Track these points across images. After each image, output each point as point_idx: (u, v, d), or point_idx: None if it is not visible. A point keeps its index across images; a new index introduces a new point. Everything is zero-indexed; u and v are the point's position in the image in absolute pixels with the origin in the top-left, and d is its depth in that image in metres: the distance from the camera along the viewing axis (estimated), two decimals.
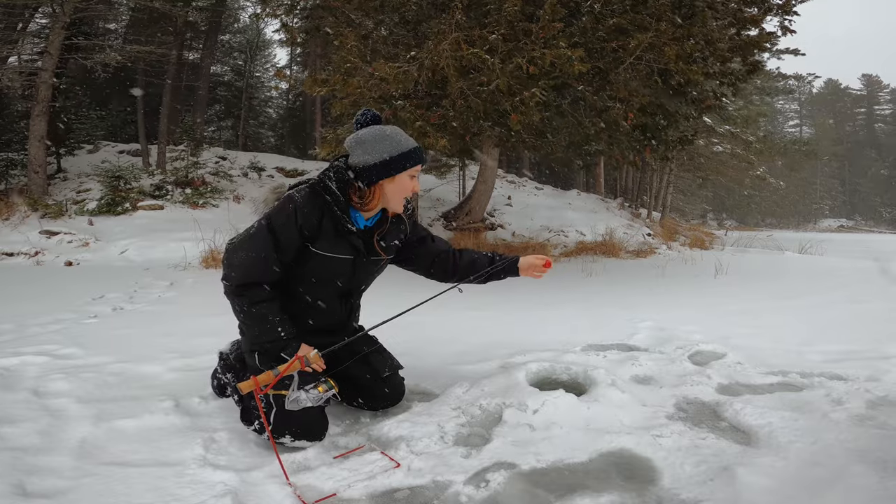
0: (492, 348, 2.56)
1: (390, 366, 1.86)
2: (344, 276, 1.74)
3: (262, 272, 1.62)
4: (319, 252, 1.66)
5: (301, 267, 1.70)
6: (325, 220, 1.64)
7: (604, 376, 2.01)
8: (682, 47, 5.10)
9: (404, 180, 1.69)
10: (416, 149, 1.70)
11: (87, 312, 3.55)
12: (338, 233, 1.66)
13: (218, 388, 1.92)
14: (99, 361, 2.36)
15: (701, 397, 1.98)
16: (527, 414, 1.70)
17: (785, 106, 51.47)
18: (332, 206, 1.64)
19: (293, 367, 1.46)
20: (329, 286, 1.74)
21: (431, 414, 1.70)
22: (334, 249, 1.67)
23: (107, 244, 7.76)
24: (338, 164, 1.71)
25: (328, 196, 1.64)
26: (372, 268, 1.82)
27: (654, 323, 3.25)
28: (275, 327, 1.62)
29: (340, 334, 1.81)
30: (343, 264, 1.71)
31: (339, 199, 1.65)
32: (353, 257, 1.71)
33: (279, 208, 1.64)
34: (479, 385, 1.90)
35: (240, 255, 1.63)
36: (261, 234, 1.62)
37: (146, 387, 2.03)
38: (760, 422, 1.71)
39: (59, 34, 9.93)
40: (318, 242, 1.65)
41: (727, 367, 2.35)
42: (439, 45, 4.82)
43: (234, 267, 1.63)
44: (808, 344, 2.84)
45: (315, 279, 1.72)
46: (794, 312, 3.85)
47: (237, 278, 1.63)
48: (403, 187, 1.70)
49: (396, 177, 1.68)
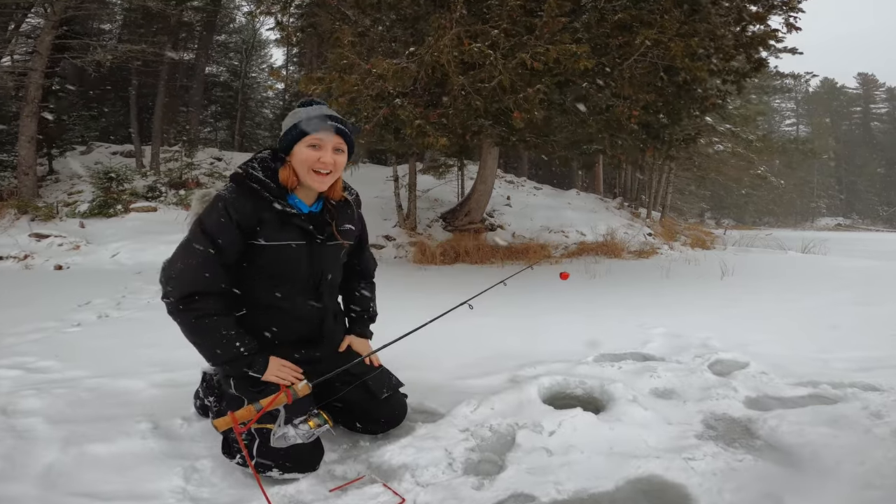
0: (498, 359, 2.39)
1: (389, 385, 1.67)
2: (301, 264, 1.59)
3: (204, 280, 1.47)
4: (267, 244, 1.53)
5: (252, 266, 1.56)
6: (262, 211, 1.51)
7: (623, 391, 1.85)
8: (688, 44, 4.95)
9: (304, 151, 1.53)
10: (318, 116, 1.54)
11: (70, 320, 3.38)
12: (282, 220, 1.54)
13: (200, 408, 1.75)
14: (75, 376, 2.19)
15: (730, 413, 1.82)
16: (542, 436, 1.55)
17: (781, 105, 51.53)
18: (264, 194, 1.52)
19: (279, 400, 1.24)
20: (288, 280, 1.60)
21: (437, 437, 1.53)
22: (282, 237, 1.55)
23: (98, 247, 7.57)
24: (262, 154, 1.63)
25: (255, 184, 1.52)
26: (331, 254, 1.67)
27: (667, 329, 3.09)
28: (231, 342, 1.47)
29: (319, 345, 1.66)
30: (297, 251, 1.57)
31: (269, 184, 1.53)
32: (306, 242, 1.58)
33: (209, 209, 1.52)
34: (488, 403, 1.74)
35: (176, 267, 1.48)
36: (195, 240, 1.48)
37: (124, 405, 1.86)
38: (800, 440, 1.56)
39: (49, 34, 9.74)
40: (261, 234, 1.52)
41: (752, 378, 2.20)
42: (440, 40, 4.66)
43: (172, 280, 1.47)
44: (829, 351, 2.70)
45: (270, 275, 1.57)
46: (807, 316, 3.71)
47: (176, 291, 1.46)
48: (305, 157, 1.53)
49: (295, 148, 1.55)
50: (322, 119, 1.54)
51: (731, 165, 16.82)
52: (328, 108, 1.62)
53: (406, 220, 9.30)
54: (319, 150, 1.53)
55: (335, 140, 1.55)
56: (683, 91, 6.05)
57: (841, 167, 48.97)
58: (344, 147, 1.59)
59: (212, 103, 21.21)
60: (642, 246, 9.88)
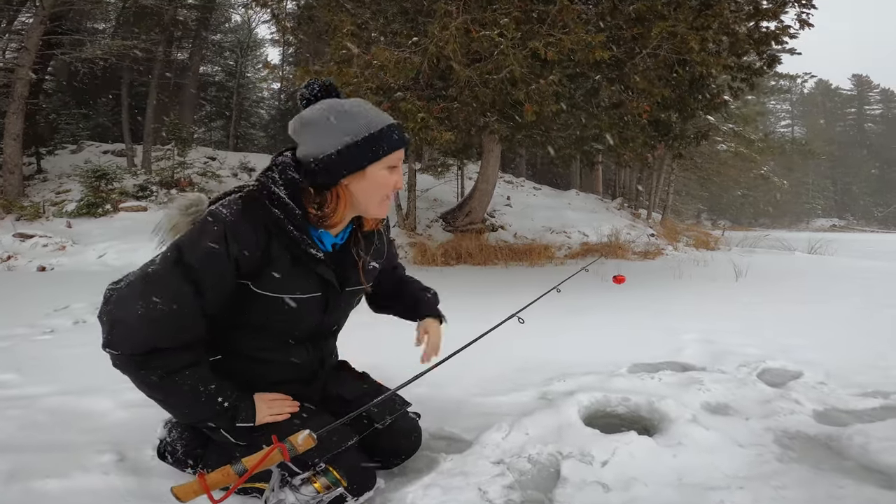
0: (523, 372, 2.11)
1: (391, 409, 1.31)
2: (308, 321, 1.24)
3: (172, 336, 1.06)
4: (268, 294, 1.14)
5: (238, 314, 1.18)
6: (273, 246, 1.11)
7: (676, 409, 1.58)
8: (703, 37, 4.72)
9: (380, 174, 1.15)
10: (393, 126, 1.16)
11: (43, 326, 3.08)
12: (296, 262, 1.14)
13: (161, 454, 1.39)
14: (35, 392, 1.89)
15: (803, 430, 1.56)
16: (593, 467, 1.27)
17: (777, 106, 51.68)
18: (285, 224, 1.10)
19: (270, 459, 0.86)
20: (286, 336, 1.25)
21: (466, 473, 1.25)
22: (293, 287, 1.16)
23: (84, 247, 7.25)
24: (283, 159, 1.17)
25: (277, 209, 1.10)
26: (350, 302, 1.32)
27: (699, 335, 2.82)
28: (210, 398, 1.11)
29: (313, 382, 1.34)
30: (308, 305, 1.20)
31: (294, 211, 1.11)
32: (322, 293, 1.21)
33: (198, 232, 1.09)
34: (520, 426, 1.46)
35: (132, 309, 1.04)
36: (167, 277, 1.05)
37: (86, 430, 1.57)
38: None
39: (38, 29, 9.43)
40: (263, 279, 1.13)
41: (812, 389, 1.94)
42: (445, 29, 4.39)
43: (121, 328, 1.05)
44: (886, 357, 2.44)
45: (264, 330, 1.21)
46: (842, 319, 3.46)
47: (127, 345, 1.05)
48: (380, 184, 1.15)
49: (368, 170, 1.13)
50: (397, 130, 1.17)
51: (732, 166, 16.67)
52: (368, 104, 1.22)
53: (405, 221, 9.03)
54: (396, 171, 1.18)
55: (401, 156, 1.19)
56: (696, 86, 5.83)
57: (836, 168, 49.12)
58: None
59: (207, 103, 20.90)
60: (647, 247, 9.67)
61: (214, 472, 0.78)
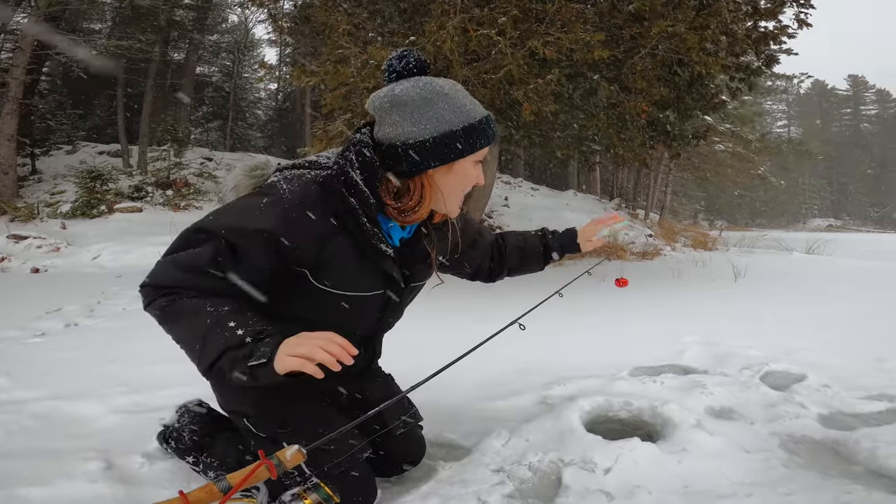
0: (522, 375, 2.07)
1: (405, 420, 1.28)
2: (369, 318, 1.17)
3: (194, 281, 0.97)
4: (327, 289, 1.04)
5: (290, 305, 1.07)
6: (340, 238, 1.01)
7: (680, 413, 1.55)
8: (702, 37, 4.70)
9: (468, 168, 1.05)
10: (490, 118, 1.06)
11: (34, 329, 3.03)
12: (363, 256, 1.04)
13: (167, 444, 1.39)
14: (24, 397, 1.85)
15: (809, 434, 1.53)
16: (596, 475, 1.24)
17: (773, 107, 51.84)
18: (358, 214, 0.99)
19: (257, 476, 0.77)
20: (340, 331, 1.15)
21: (466, 481, 1.21)
22: (356, 283, 1.07)
23: (79, 249, 7.19)
24: (361, 137, 1.03)
25: (353, 198, 0.99)
26: (411, 298, 1.25)
27: (700, 336, 2.79)
28: (222, 322, 0.90)
29: (356, 380, 1.27)
30: (368, 303, 1.12)
31: (370, 200, 1.00)
32: (385, 290, 1.13)
33: (248, 207, 0.99)
34: (521, 433, 1.42)
35: (167, 257, 1.00)
36: (205, 241, 0.97)
37: (75, 435, 1.53)
38: None
39: (33, 29, 9.36)
40: (322, 271, 1.03)
41: (816, 392, 1.90)
42: (442, 28, 4.35)
43: (156, 267, 1.01)
44: (887, 359, 2.40)
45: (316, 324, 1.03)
46: (842, 320, 3.43)
47: (153, 279, 0.99)
48: (465, 178, 1.06)
49: (456, 163, 1.03)
50: (493, 123, 1.07)
51: (730, 166, 16.70)
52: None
53: None
54: (479, 166, 1.09)
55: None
56: (695, 86, 5.81)
57: (832, 168, 49.31)
58: None
59: (203, 104, 20.83)
60: (645, 247, 9.66)
61: (197, 489, 0.73)
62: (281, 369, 0.86)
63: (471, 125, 1.02)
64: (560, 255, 1.53)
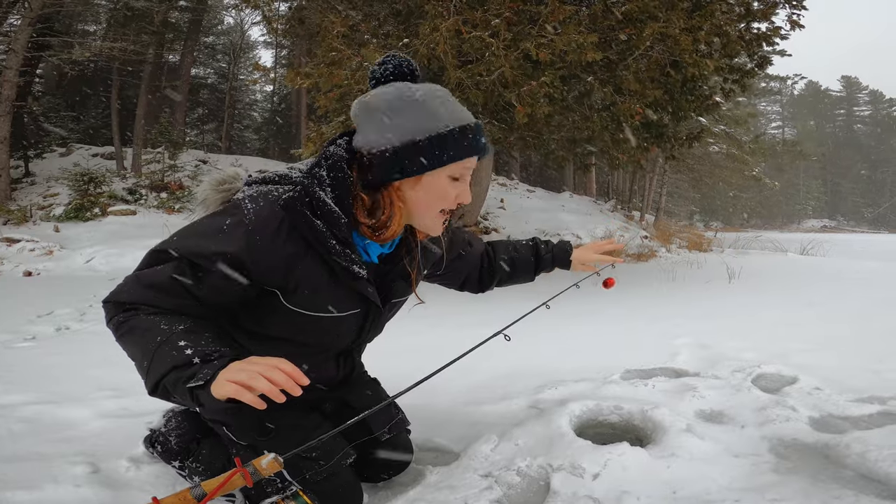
0: (513, 379, 2.07)
1: (393, 424, 1.26)
2: (345, 338, 1.13)
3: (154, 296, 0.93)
4: (299, 311, 1.01)
5: (262, 325, 1.05)
6: (309, 261, 0.96)
7: (670, 417, 1.54)
8: (695, 38, 4.72)
9: (439, 184, 0.97)
10: (469, 128, 0.97)
11: (24, 333, 3.01)
12: (333, 276, 0.99)
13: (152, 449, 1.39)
14: (12, 401, 1.83)
15: (799, 437, 1.52)
16: (584, 480, 1.23)
17: (767, 108, 52.11)
18: (325, 237, 0.94)
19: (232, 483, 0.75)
20: (317, 350, 1.13)
21: (454, 486, 1.20)
22: (328, 306, 1.02)
23: (72, 252, 7.16)
24: (335, 151, 0.97)
25: (320, 220, 0.93)
26: (389, 314, 1.20)
27: (693, 339, 2.79)
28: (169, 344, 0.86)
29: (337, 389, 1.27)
30: (344, 323, 1.07)
31: (340, 220, 0.94)
32: (362, 310, 1.08)
33: (211, 228, 0.94)
34: (510, 437, 1.42)
35: (132, 275, 0.97)
36: (166, 265, 0.93)
37: (62, 440, 1.51)
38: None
39: (26, 31, 9.33)
40: (293, 294, 0.99)
41: (807, 395, 1.90)
42: (436, 31, 4.36)
43: (124, 284, 0.97)
44: (881, 360, 2.41)
45: (288, 339, 1.08)
46: (835, 321, 3.44)
47: (114, 295, 0.96)
48: (438, 195, 0.98)
49: (425, 177, 0.96)
50: (474, 133, 0.97)
51: (724, 167, 16.77)
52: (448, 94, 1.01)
53: None
54: (461, 182, 0.99)
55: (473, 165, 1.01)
56: (688, 88, 5.83)
57: (826, 169, 49.60)
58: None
59: (198, 106, 20.78)
60: (640, 249, 9.67)
61: (171, 496, 0.72)
62: (218, 395, 0.80)
63: (440, 135, 0.94)
64: (550, 269, 1.53)
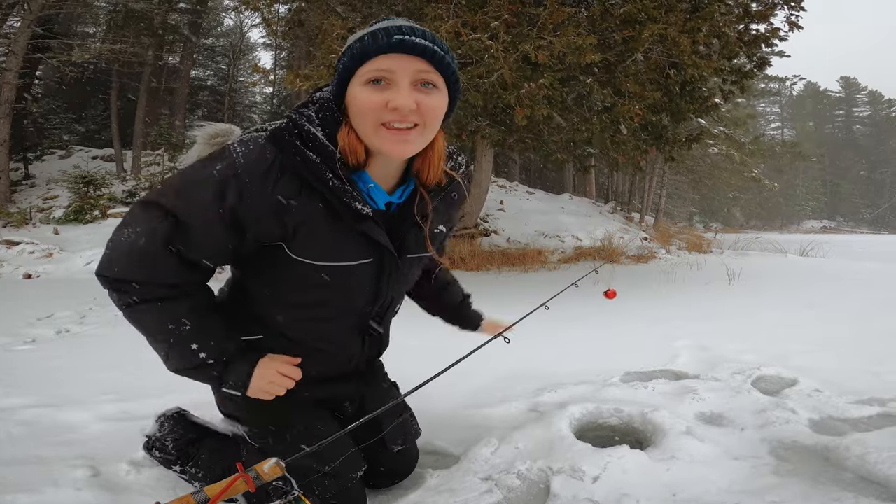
0: (512, 381, 2.07)
1: (407, 436, 1.25)
2: (360, 293, 1.04)
3: (145, 267, 0.91)
4: (307, 261, 0.94)
5: (273, 285, 1.00)
6: (306, 199, 0.90)
7: (670, 420, 1.55)
8: (694, 40, 4.73)
9: (360, 93, 0.88)
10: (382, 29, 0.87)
11: (24, 336, 3.00)
12: (337, 219, 0.92)
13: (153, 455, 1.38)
14: (12, 405, 1.83)
15: (799, 440, 1.53)
16: (584, 483, 1.23)
17: (766, 109, 52.18)
18: (322, 171, 0.88)
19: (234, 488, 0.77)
20: (334, 314, 1.05)
21: (454, 490, 1.21)
22: (336, 253, 0.95)
23: (72, 255, 7.15)
24: (321, 94, 0.96)
25: (312, 151, 0.88)
26: (410, 272, 1.11)
27: (693, 341, 2.79)
28: (185, 342, 0.94)
29: (357, 381, 1.23)
30: (357, 275, 0.99)
31: (335, 155, 0.88)
32: (374, 258, 1.00)
33: (195, 172, 0.90)
34: (510, 440, 1.42)
35: (115, 234, 0.94)
36: (146, 210, 0.91)
37: (62, 443, 1.51)
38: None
39: (25, 33, 9.35)
40: (298, 242, 0.93)
41: (807, 397, 1.91)
42: (436, 32, 4.36)
43: (107, 251, 0.95)
44: (879, 362, 2.42)
45: (303, 303, 1.02)
46: (834, 323, 3.45)
47: (104, 267, 0.94)
48: (363, 103, 0.87)
49: (349, 89, 0.90)
50: (388, 32, 0.86)
51: (724, 168, 16.78)
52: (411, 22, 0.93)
53: None
54: (387, 88, 0.87)
55: (417, 67, 0.87)
56: (687, 89, 5.84)
57: (825, 170, 49.64)
58: (435, 78, 0.89)
59: (198, 107, 20.81)
60: (640, 250, 9.67)
61: (174, 501, 0.72)
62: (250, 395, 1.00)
63: (350, 45, 0.88)
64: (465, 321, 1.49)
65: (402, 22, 0.88)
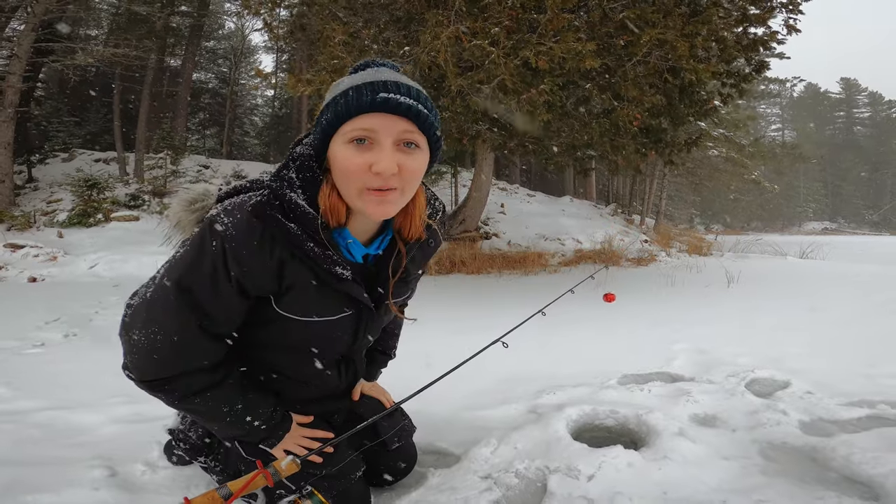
0: (512, 384, 2.13)
1: (402, 433, 1.32)
2: (340, 343, 1.12)
3: (181, 360, 0.97)
4: (292, 316, 1.01)
5: (260, 332, 1.06)
6: (290, 265, 0.94)
7: (663, 422, 1.60)
8: (692, 44, 4.79)
9: (342, 153, 0.88)
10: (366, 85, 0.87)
11: (33, 339, 3.07)
12: (320, 281, 0.98)
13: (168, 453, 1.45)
14: (27, 407, 1.89)
15: (788, 441, 1.58)
16: (580, 481, 1.28)
17: (767, 110, 52.21)
18: (303, 241, 0.92)
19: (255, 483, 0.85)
20: (316, 357, 1.14)
21: (455, 488, 1.26)
22: (318, 309, 1.01)
23: (76, 258, 7.22)
24: (301, 151, 0.96)
25: (293, 223, 0.91)
26: (386, 316, 1.18)
27: (690, 344, 2.85)
28: (239, 418, 1.05)
29: (342, 398, 1.31)
30: (338, 326, 1.06)
31: (315, 222, 0.91)
32: (354, 311, 1.06)
33: (195, 250, 0.92)
34: (509, 441, 1.47)
35: (136, 339, 0.95)
36: (167, 305, 0.93)
37: (77, 444, 1.57)
38: (881, 470, 1.34)
39: (29, 36, 9.42)
40: (284, 298, 0.99)
41: (799, 399, 1.96)
42: (437, 39, 4.43)
43: (133, 357, 0.97)
44: (874, 365, 2.46)
45: (290, 351, 1.11)
46: (831, 325, 3.49)
47: (141, 373, 0.98)
48: (344, 164, 0.88)
49: (331, 148, 0.91)
50: (373, 89, 0.86)
51: (724, 170, 16.83)
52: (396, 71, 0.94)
53: None
54: (370, 148, 0.87)
55: (400, 127, 0.88)
56: (686, 93, 5.89)
57: (826, 172, 49.65)
58: (418, 138, 0.90)
59: (200, 110, 20.89)
60: (640, 253, 9.71)
61: (200, 496, 0.78)
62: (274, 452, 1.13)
63: (333, 100, 0.89)
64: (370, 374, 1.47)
65: (387, 75, 0.89)
